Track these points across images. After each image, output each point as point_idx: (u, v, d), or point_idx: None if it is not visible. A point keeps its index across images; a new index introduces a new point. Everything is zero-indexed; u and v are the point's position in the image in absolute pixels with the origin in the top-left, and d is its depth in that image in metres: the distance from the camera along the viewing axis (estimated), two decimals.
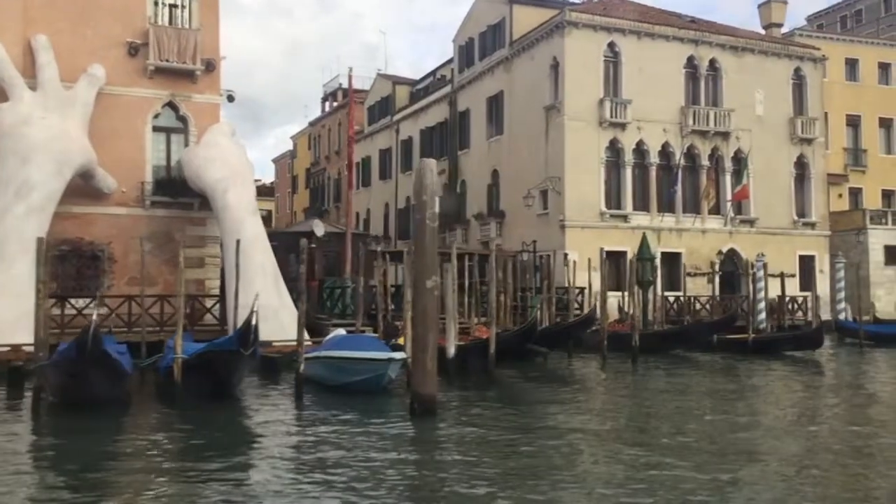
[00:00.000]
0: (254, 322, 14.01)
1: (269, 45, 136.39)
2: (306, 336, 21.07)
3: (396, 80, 52.34)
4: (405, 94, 51.46)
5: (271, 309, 21.05)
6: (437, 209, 12.10)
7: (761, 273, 30.87)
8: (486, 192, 39.93)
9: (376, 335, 19.62)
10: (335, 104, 62.01)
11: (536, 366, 21.83)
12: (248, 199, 22.62)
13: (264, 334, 20.84)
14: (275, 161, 77.91)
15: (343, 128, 59.47)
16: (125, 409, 13.83)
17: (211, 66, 25.04)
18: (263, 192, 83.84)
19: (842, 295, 32.36)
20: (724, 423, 13.18)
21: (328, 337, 18.54)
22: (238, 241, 20.09)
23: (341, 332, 18.96)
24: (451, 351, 16.92)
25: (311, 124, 66.11)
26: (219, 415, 13.36)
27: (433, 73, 49.79)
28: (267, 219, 79.92)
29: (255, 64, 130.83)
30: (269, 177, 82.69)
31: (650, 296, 28.60)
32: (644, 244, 28.82)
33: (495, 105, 39.52)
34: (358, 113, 57.10)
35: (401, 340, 20.55)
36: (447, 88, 44.51)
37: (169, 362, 14.87)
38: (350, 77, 25.70)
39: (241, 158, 23.46)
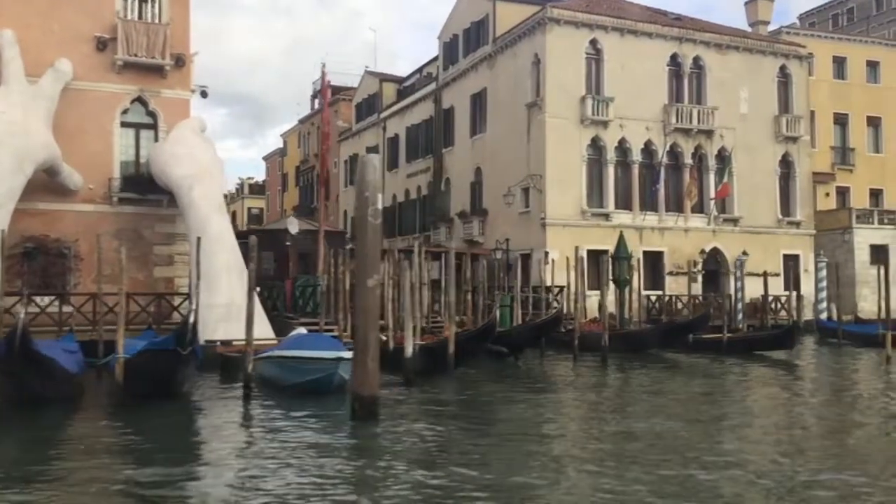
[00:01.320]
0: (191, 321, 13.70)
1: (270, 43, 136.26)
2: (270, 335, 21.03)
3: (383, 78, 52.03)
4: (392, 92, 51.18)
5: (236, 308, 20.69)
6: (379, 206, 11.81)
7: (741, 272, 30.62)
8: (469, 191, 39.67)
9: (336, 334, 19.24)
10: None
11: (507, 365, 21.56)
12: (215, 196, 22.30)
13: (228, 334, 20.77)
14: (265, 159, 77.64)
15: (331, 125, 59.28)
16: (67, 409, 13.52)
17: (181, 62, 24.71)
18: (255, 190, 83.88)
19: (823, 294, 32.03)
20: (664, 423, 12.94)
21: (288, 336, 18.25)
22: (199, 239, 19.75)
23: (302, 331, 18.69)
24: (409, 351, 16.61)
25: (301, 122, 65.81)
26: (158, 416, 13.03)
27: (420, 70, 49.47)
28: (258, 216, 79.97)
29: (256, 63, 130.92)
30: (261, 175, 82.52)
31: (627, 295, 28.22)
32: (621, 243, 28.54)
33: (479, 102, 39.24)
34: (346, 110, 57.09)
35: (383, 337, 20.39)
36: (432, 86, 44.23)
37: (115, 362, 14.59)
38: (323, 74, 25.54)
39: (209, 155, 23.15)
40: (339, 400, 14.01)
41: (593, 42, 34.66)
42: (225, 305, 20.72)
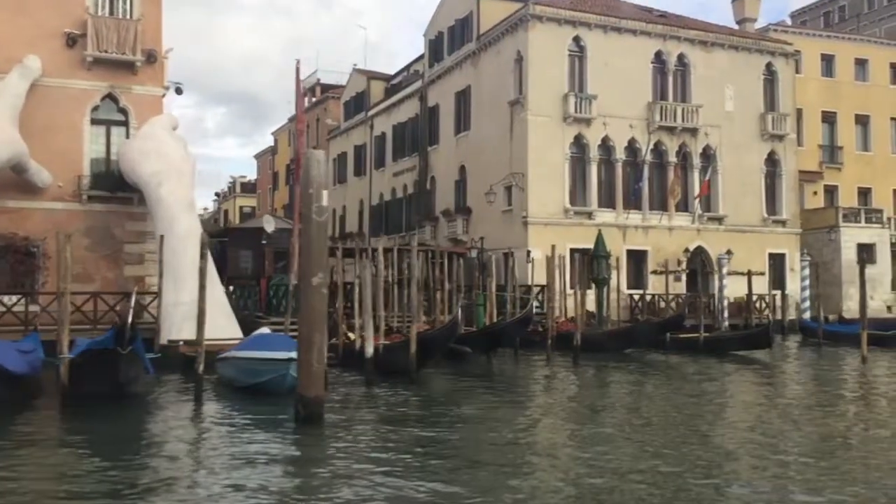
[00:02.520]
0: (129, 320, 13.44)
1: (269, 42, 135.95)
2: (238, 335, 20.75)
3: (371, 76, 51.73)
4: (380, 90, 50.85)
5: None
6: (324, 202, 11.55)
7: (724, 271, 30.39)
8: (454, 189, 39.38)
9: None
10: (313, 99, 61.45)
11: (477, 365, 21.29)
12: (183, 194, 22.00)
13: (192, 334, 20.51)
14: (257, 157, 77.36)
15: (321, 123, 59.08)
16: (8, 411, 13.18)
17: (152, 58, 24.46)
18: (247, 188, 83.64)
19: (806, 294, 31.76)
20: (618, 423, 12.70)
21: (249, 336, 17.99)
22: (162, 237, 19.57)
23: (265, 330, 18.43)
24: (370, 350, 16.34)
25: (291, 120, 65.43)
26: (98, 419, 12.72)
27: (407, 67, 49.21)
28: (251, 215, 79.56)
29: (255, 62, 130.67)
30: (253, 173, 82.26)
31: (606, 294, 27.95)
32: (599, 241, 28.27)
33: (463, 100, 38.96)
34: (335, 109, 56.82)
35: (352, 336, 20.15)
36: (418, 83, 43.94)
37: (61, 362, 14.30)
38: (297, 70, 25.05)
39: (178, 152, 22.88)
40: (287, 402, 13.73)
41: (576, 39, 34.39)
42: (191, 304, 20.30)
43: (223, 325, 20.37)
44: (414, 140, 43.94)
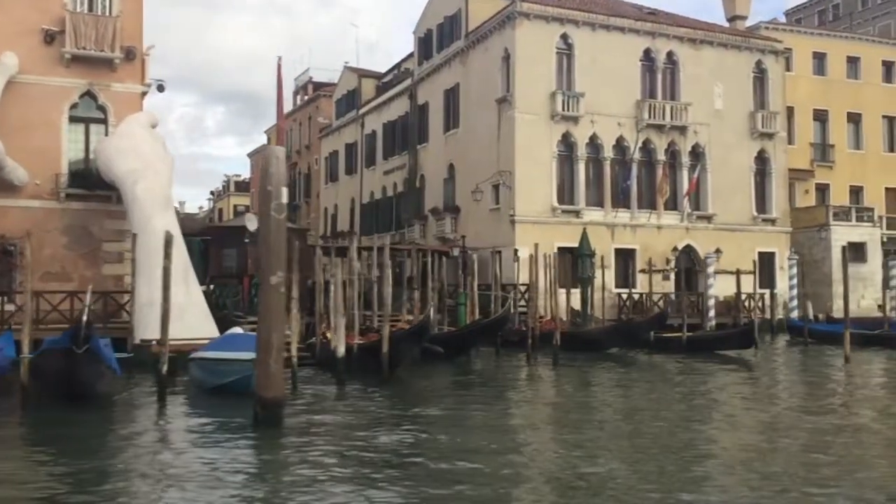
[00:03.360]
0: (85, 318, 13.25)
1: (268, 42, 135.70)
2: (215, 334, 20.56)
3: (362, 73, 51.52)
4: (371, 88, 50.64)
5: (177, 307, 20.28)
6: (284, 200, 11.36)
7: (711, 269, 30.21)
8: (442, 188, 39.19)
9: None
10: (305, 98, 61.27)
11: (458, 365, 21.11)
12: (159, 192, 21.79)
13: (170, 332, 20.36)
14: (250, 155, 77.11)
15: (313, 122, 58.87)
16: None
17: (132, 54, 24.24)
18: (241, 187, 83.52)
19: (794, 293, 31.55)
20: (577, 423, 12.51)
21: (221, 336, 17.81)
22: (135, 235, 19.40)
23: (238, 330, 18.23)
24: (341, 350, 16.14)
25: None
26: (57, 421, 12.54)
27: (398, 65, 48.99)
28: (242, 214, 79.43)
29: (255, 61, 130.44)
30: (247, 172, 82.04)
31: (591, 293, 27.76)
32: (584, 240, 28.08)
33: (452, 98, 38.76)
34: (326, 107, 56.60)
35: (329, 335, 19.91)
36: (408, 81, 43.73)
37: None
38: (279, 68, 24.93)
39: (156, 150, 22.69)
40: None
41: (564, 37, 34.19)
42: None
43: (199, 325, 20.21)
44: (404, 138, 43.75)
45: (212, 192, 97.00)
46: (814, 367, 21.95)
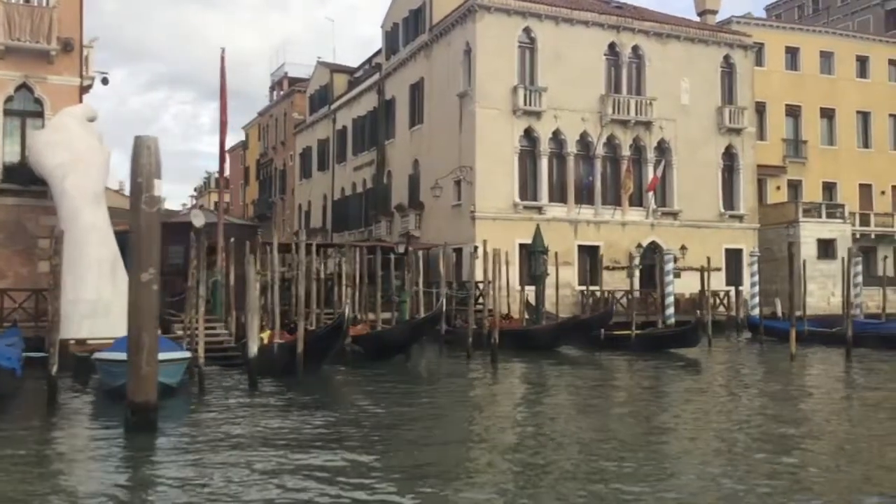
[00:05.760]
0: None
1: (264, 39, 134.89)
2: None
3: (334, 69, 50.95)
4: (344, 83, 50.07)
5: (103, 304, 19.91)
6: (157, 192, 10.86)
7: (670, 266, 29.72)
8: (408, 183, 38.68)
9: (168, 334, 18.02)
10: (281, 93, 60.71)
11: (394, 365, 20.57)
12: (89, 187, 21.19)
13: (94, 331, 19.85)
14: (229, 152, 76.28)
15: (288, 118, 58.30)
16: None
17: (69, 46, 23.62)
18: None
19: (755, 290, 31.05)
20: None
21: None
22: (62, 232, 18.79)
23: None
24: (253, 350, 15.62)
25: (260, 114, 64.81)
26: None
27: (369, 60, 48.42)
28: (224, 211, 78.86)
29: (250, 58, 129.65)
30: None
31: (543, 290, 27.24)
32: (537, 236, 27.56)
33: (417, 93, 38.25)
34: (300, 102, 56.04)
35: (264, 335, 19.39)
36: (376, 76, 43.21)
37: None
38: (222, 60, 24.36)
39: (89, 143, 22.06)
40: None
41: (527, 30, 33.66)
42: (92, 301, 19.88)
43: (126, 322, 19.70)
44: (373, 134, 43.25)
45: (195, 189, 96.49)
46: (755, 366, 21.47)
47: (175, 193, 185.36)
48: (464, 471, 9.37)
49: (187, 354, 15.29)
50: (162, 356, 14.15)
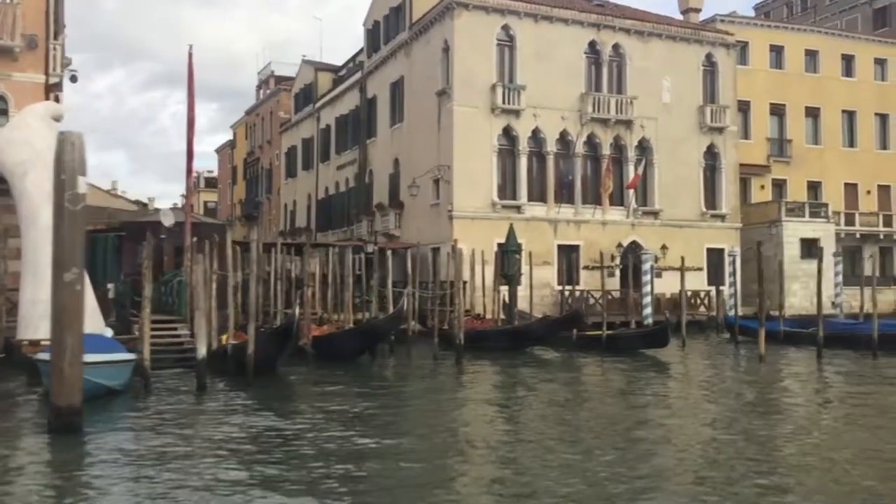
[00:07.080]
0: None
1: (261, 39, 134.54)
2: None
3: (319, 67, 50.65)
4: (328, 81, 49.75)
5: None
6: (80, 189, 10.58)
7: (647, 266, 29.47)
8: (388, 182, 38.40)
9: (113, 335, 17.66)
10: (267, 92, 60.42)
11: (356, 366, 20.26)
12: (50, 186, 20.87)
13: (47, 333, 19.55)
14: (217, 151, 76.20)
15: (274, 117, 57.99)
16: None
17: (33, 43, 23.44)
18: (211, 183, 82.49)
19: (732, 290, 30.79)
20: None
21: None
22: (21, 231, 18.57)
23: (106, 332, 17.35)
24: (202, 352, 15.33)
25: (247, 113, 64.49)
26: None
27: (353, 58, 48.11)
28: (212, 210, 78.51)
29: (248, 58, 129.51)
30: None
31: (516, 290, 26.96)
32: (510, 235, 27.29)
33: (397, 91, 37.97)
34: (286, 101, 55.74)
35: (224, 338, 19.09)
36: (359, 74, 42.92)
37: None
38: (190, 57, 24.04)
39: (51, 142, 21.76)
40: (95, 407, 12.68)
41: (505, 28, 33.38)
42: (48, 302, 19.49)
43: (87, 323, 19.40)
44: (355, 132, 42.98)
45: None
46: (721, 368, 21.16)
47: (169, 193, 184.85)
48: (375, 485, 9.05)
49: (131, 356, 14.99)
50: (104, 357, 14.01)
